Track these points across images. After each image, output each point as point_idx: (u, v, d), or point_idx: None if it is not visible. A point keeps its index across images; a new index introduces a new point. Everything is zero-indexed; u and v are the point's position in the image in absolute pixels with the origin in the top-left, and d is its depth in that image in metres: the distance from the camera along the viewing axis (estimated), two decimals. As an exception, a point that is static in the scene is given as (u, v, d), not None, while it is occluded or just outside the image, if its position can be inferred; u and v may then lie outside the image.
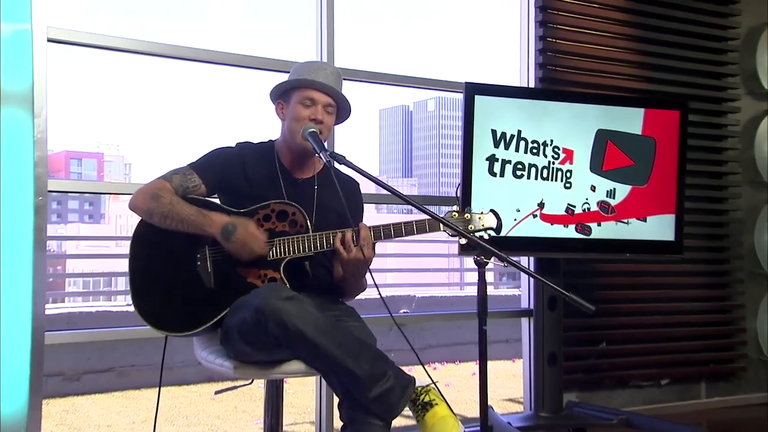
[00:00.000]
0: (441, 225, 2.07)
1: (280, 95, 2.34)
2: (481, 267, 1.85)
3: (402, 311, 5.41)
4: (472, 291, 1.83)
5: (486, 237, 2.06)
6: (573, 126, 3.27)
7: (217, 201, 2.32)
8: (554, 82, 3.75)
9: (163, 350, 2.25)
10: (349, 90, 2.37)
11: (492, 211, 2.13)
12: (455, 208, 2.14)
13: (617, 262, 3.87)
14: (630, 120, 3.35)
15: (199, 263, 2.15)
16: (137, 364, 5.06)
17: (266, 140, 2.39)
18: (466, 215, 2.11)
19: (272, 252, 2.15)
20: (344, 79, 3.32)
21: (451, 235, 2.07)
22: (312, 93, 2.27)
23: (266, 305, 1.92)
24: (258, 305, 1.93)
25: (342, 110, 2.36)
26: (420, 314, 5.65)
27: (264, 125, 2.50)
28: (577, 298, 1.81)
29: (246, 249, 2.11)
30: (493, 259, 1.88)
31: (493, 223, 2.10)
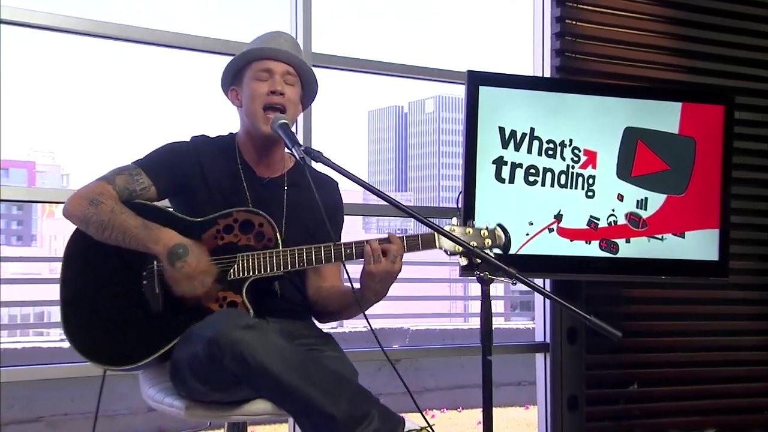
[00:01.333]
0: (437, 242, 2.08)
1: (232, 81, 2.37)
2: (485, 285, 1.85)
3: (393, 347, 5.41)
4: (479, 323, 1.82)
5: (491, 256, 2.07)
6: (596, 123, 3.28)
7: (170, 208, 2.31)
8: (574, 72, 3.77)
9: (99, 390, 2.23)
10: (332, 83, 2.39)
11: (499, 225, 2.14)
12: (455, 221, 2.15)
13: (650, 286, 3.87)
14: (665, 116, 3.36)
15: (144, 282, 2.14)
16: (71, 413, 5.03)
17: (225, 133, 2.39)
18: (467, 229, 2.12)
19: (234, 270, 2.14)
20: (324, 67, 3.36)
21: (450, 254, 2.08)
22: (265, 63, 2.30)
23: (222, 335, 1.91)
24: (212, 335, 1.92)
25: (307, 84, 2.38)
26: (414, 348, 5.64)
27: (226, 122, 2.50)
28: (599, 322, 1.81)
29: (189, 284, 2.10)
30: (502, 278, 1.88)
31: (501, 240, 2.11)
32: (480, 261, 1.92)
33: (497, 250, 2.12)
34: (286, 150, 2.25)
